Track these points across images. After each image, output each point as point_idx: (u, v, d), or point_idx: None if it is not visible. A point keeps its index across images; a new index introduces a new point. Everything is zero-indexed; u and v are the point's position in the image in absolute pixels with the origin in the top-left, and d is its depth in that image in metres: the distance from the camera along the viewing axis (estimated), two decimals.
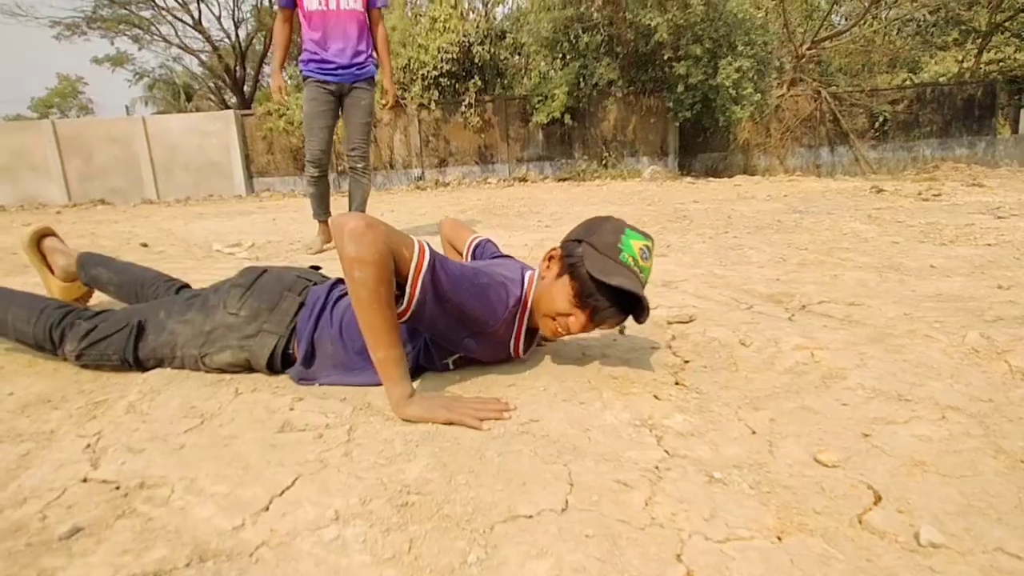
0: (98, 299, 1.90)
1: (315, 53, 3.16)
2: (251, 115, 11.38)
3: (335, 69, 3.17)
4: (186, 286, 1.65)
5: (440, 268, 1.07)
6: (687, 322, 1.63)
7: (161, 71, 22.26)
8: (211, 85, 22.52)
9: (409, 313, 1.07)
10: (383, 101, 3.60)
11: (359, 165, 3.41)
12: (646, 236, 1.20)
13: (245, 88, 20.00)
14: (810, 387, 1.17)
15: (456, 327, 1.16)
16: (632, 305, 1.16)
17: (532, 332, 1.29)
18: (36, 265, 1.81)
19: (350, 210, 3.34)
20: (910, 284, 1.96)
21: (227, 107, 21.46)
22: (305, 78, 3.21)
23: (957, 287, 1.89)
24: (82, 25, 17.60)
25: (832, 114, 13.37)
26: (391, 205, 6.41)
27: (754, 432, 1.00)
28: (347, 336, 1.22)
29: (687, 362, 1.35)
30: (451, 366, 1.29)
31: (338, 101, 3.28)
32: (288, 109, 10.75)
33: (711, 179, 8.54)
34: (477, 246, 1.57)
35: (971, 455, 0.90)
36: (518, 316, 1.22)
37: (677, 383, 1.23)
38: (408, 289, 1.05)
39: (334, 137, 3.42)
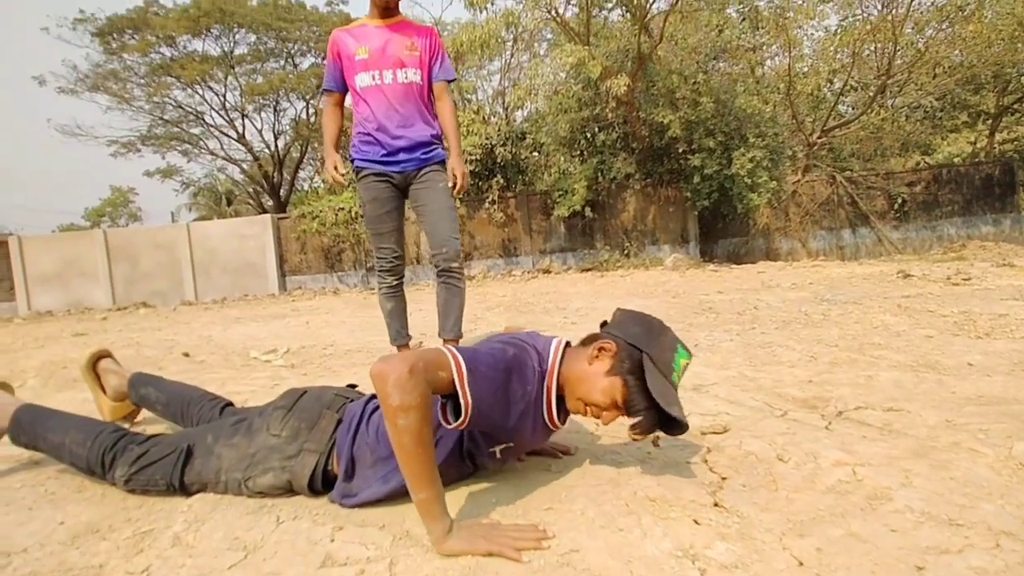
0: (144, 416, 1.98)
1: (371, 138, 2.58)
2: (286, 218, 12.04)
3: (397, 155, 2.58)
4: (229, 404, 1.71)
5: (474, 367, 1.12)
6: (721, 433, 1.61)
7: (206, 180, 23.92)
8: (250, 190, 24.05)
9: (467, 423, 1.11)
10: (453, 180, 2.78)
11: (454, 266, 2.66)
12: (690, 354, 1.26)
13: (281, 192, 21.28)
14: (855, 510, 1.14)
15: (503, 412, 1.17)
16: (670, 423, 1.19)
17: (560, 399, 1.29)
18: (90, 385, 1.91)
19: (446, 326, 2.70)
20: (948, 385, 1.92)
21: (264, 210, 22.79)
22: (360, 172, 2.64)
23: (998, 388, 1.85)
24: (137, 143, 19.25)
25: (850, 197, 13.56)
26: (419, 303, 6.57)
27: (801, 564, 0.97)
28: (383, 442, 1.25)
29: (724, 479, 1.33)
30: (498, 455, 1.29)
31: (403, 194, 2.72)
32: (321, 211, 11.37)
33: (733, 266, 8.61)
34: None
35: None
36: (545, 382, 1.24)
37: (716, 504, 1.21)
38: (462, 403, 1.09)
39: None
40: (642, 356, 1.21)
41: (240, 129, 19.63)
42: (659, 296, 4.81)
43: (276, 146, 20.61)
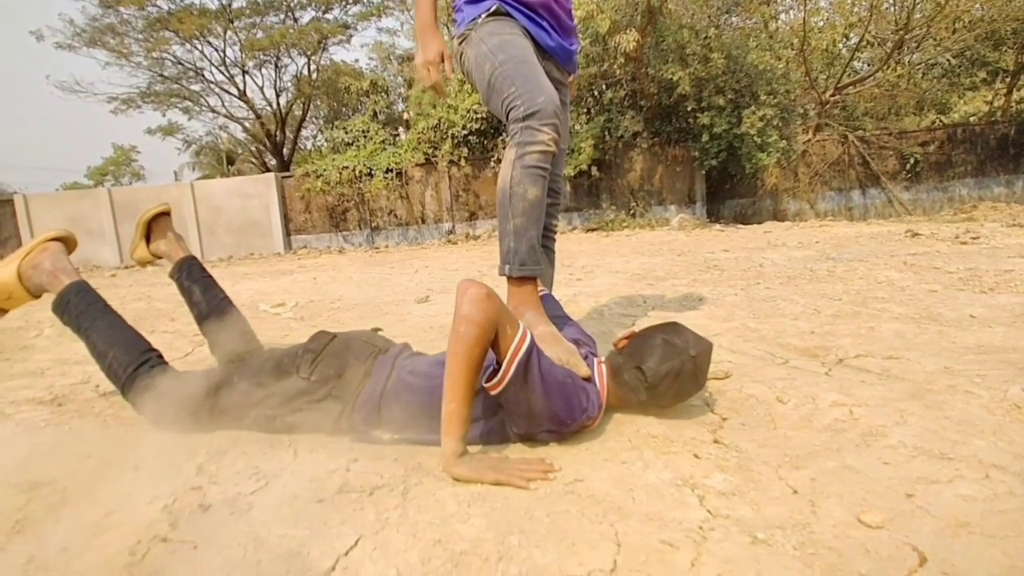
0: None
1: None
2: (290, 177, 11.97)
3: (551, 30, 1.79)
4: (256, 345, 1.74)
5: (536, 357, 1.16)
6: (723, 378, 1.65)
7: (208, 138, 23.66)
8: (253, 149, 23.79)
9: (501, 387, 1.15)
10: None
11: (554, 223, 2.03)
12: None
13: (285, 151, 21.06)
14: (850, 445, 1.18)
15: (537, 417, 1.22)
16: None
17: None
18: (139, 234, 1.93)
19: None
20: (949, 336, 1.95)
21: (267, 169, 22.61)
22: (495, 12, 1.72)
23: (998, 338, 1.87)
24: (137, 99, 18.96)
25: (861, 157, 13.34)
26: (424, 260, 6.60)
27: (795, 492, 1.02)
28: (412, 395, 1.29)
29: (725, 420, 1.38)
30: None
31: None
32: (325, 170, 11.28)
33: (740, 226, 8.56)
34: (541, 299, 1.65)
35: (1016, 515, 0.90)
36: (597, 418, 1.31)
37: (716, 441, 1.26)
38: (504, 365, 1.13)
39: None
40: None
41: (241, 86, 19.30)
42: (664, 254, 4.81)
43: (278, 103, 20.29)
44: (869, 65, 14.76)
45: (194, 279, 1.83)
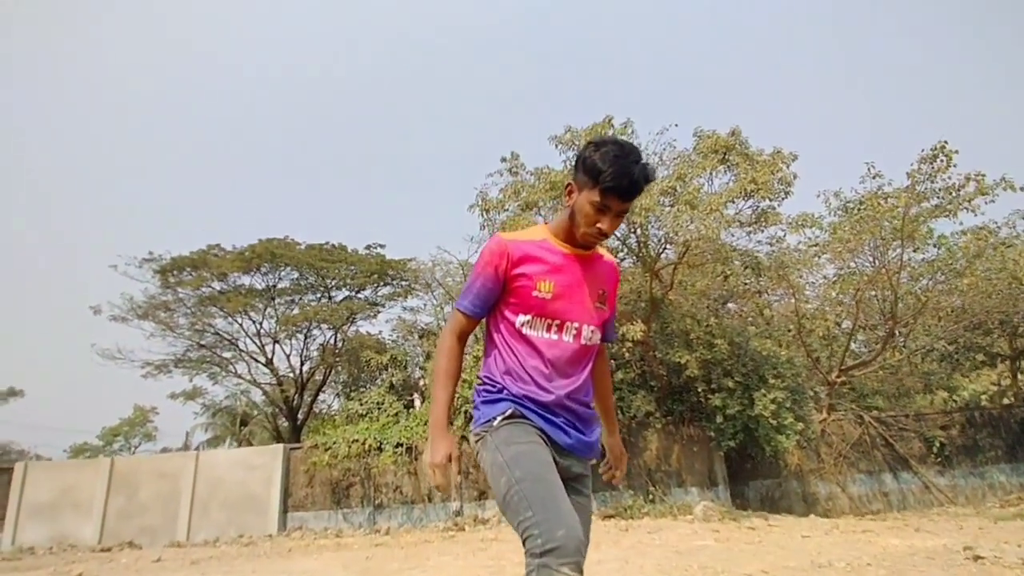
0: None
1: (535, 391, 1.70)
2: (298, 448, 11.75)
3: (568, 428, 1.72)
4: None
5: None
6: None
7: (227, 401, 24.18)
8: (267, 412, 24.08)
9: None
10: (610, 473, 2.00)
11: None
12: None
13: (300, 414, 21.22)
14: None
15: None
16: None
17: None
18: None
19: None
20: None
21: (279, 432, 22.48)
22: (507, 414, 1.69)
23: None
24: (170, 365, 19.96)
25: (883, 439, 13.02)
26: (414, 561, 5.92)
27: None
28: None
29: None
30: None
31: None
32: (335, 443, 11.12)
33: (771, 517, 7.85)
34: None
35: None
36: None
37: None
38: None
39: None
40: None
41: (270, 354, 20.42)
42: (693, 571, 4.25)
43: (301, 370, 21.17)
44: (867, 347, 15.44)
45: None
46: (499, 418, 1.68)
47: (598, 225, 1.67)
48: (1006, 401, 15.00)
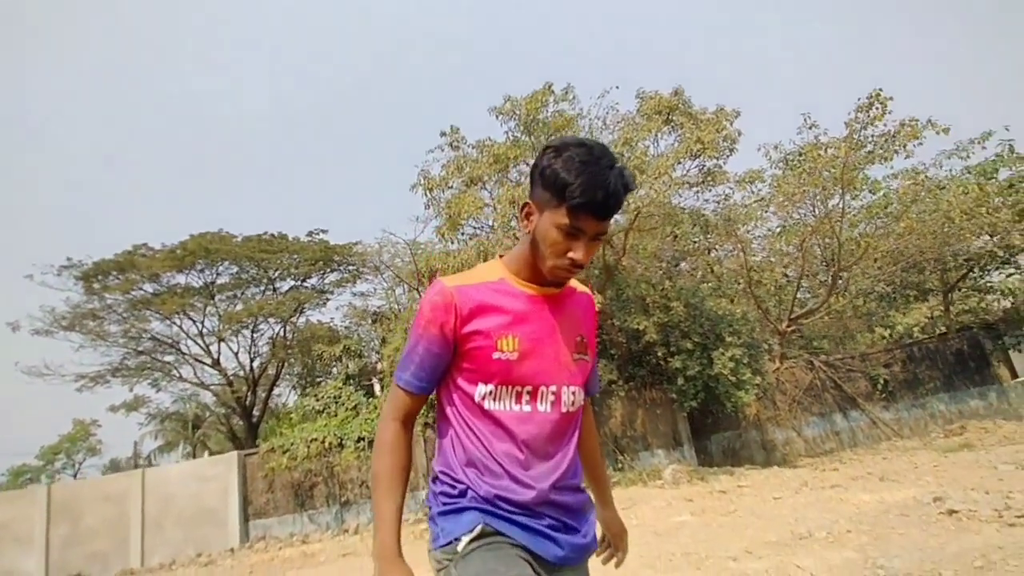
0: None
1: (510, 486, 1.29)
2: (254, 454, 11.21)
3: (558, 532, 1.31)
4: None
5: None
6: None
7: (175, 406, 23.05)
8: (220, 413, 23.13)
9: None
10: (609, 555, 1.61)
11: None
12: None
13: (255, 411, 20.43)
14: None
15: None
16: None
17: None
18: None
19: None
20: None
21: (233, 433, 21.65)
22: (480, 535, 1.26)
23: None
24: (106, 375, 18.73)
25: (832, 381, 13.56)
26: None
27: None
28: None
29: None
30: None
31: None
32: (292, 444, 10.68)
33: (739, 479, 7.97)
34: None
35: None
36: None
37: None
38: None
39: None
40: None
41: (215, 354, 19.44)
42: (677, 559, 4.17)
43: (252, 367, 20.31)
44: (812, 294, 15.95)
45: None
46: (465, 539, 1.24)
47: (570, 255, 1.26)
48: (940, 331, 15.85)
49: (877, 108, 9.87)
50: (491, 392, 1.29)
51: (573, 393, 1.36)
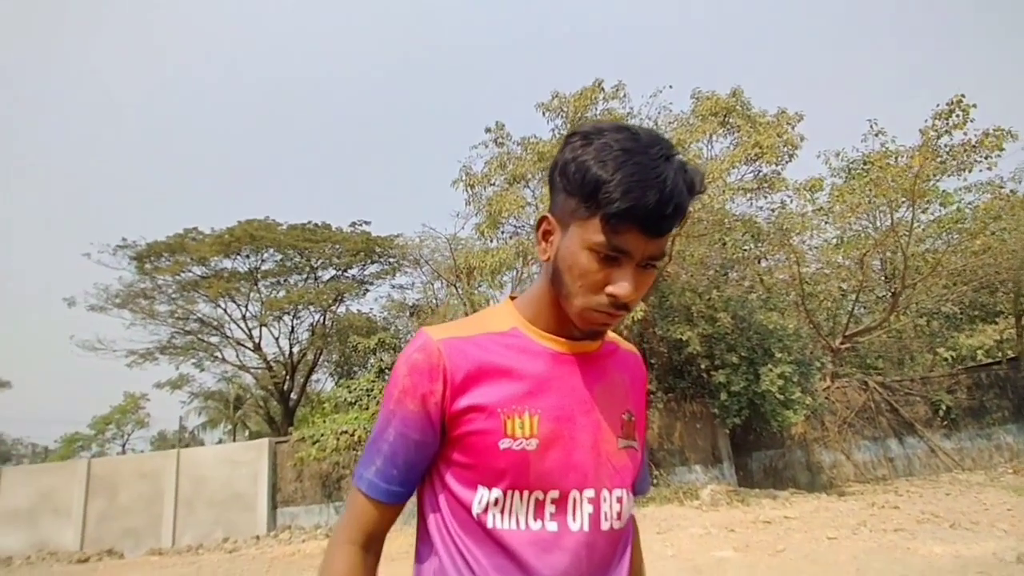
0: None
1: None
2: (284, 442, 11.27)
3: None
4: None
5: None
6: None
7: (217, 385, 23.72)
8: (258, 394, 23.65)
9: None
10: None
11: None
12: None
13: (292, 396, 20.78)
14: None
15: None
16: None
17: None
18: None
19: None
20: None
21: (270, 416, 22.11)
22: None
23: None
24: (155, 352, 19.37)
25: (888, 404, 12.72)
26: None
27: None
28: None
29: None
30: None
31: None
32: (322, 435, 10.67)
33: (784, 506, 7.45)
34: None
35: None
36: None
37: None
38: None
39: None
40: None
41: (257, 339, 19.85)
42: None
43: (291, 353, 20.66)
44: (867, 310, 15.03)
45: None
46: None
47: (609, 289, 0.80)
48: (1008, 355, 14.67)
49: (958, 116, 9.07)
50: (497, 501, 0.82)
51: (619, 500, 0.88)
